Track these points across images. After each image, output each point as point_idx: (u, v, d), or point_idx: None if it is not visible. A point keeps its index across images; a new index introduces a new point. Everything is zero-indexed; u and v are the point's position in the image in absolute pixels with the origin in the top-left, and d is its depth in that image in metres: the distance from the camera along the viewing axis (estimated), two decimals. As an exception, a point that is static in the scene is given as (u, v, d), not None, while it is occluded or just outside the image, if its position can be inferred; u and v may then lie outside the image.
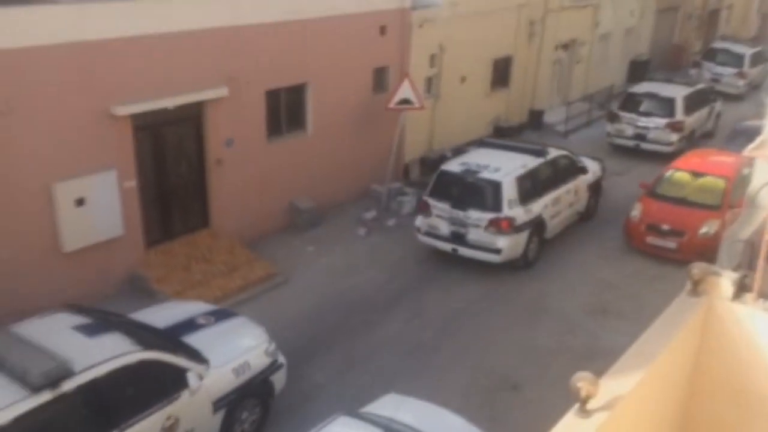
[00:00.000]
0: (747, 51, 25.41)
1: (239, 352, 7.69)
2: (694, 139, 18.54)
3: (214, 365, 7.34)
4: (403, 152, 15.34)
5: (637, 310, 10.57)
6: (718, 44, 26.90)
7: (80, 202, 9.81)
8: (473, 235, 11.53)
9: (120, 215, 10.37)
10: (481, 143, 13.78)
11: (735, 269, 6.18)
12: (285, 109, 12.89)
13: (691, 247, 11.89)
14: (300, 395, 8.60)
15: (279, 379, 8.12)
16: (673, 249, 12.31)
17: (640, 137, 17.95)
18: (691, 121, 18.29)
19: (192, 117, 11.32)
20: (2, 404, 5.67)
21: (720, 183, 12.81)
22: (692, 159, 14.07)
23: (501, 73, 18.49)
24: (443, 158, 16.43)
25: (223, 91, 11.28)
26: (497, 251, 11.44)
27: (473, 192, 11.66)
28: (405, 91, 13.83)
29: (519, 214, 11.52)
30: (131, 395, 6.57)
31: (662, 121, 17.74)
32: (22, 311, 9.43)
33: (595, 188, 14.04)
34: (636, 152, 17.97)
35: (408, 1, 14.50)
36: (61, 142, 9.53)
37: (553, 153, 12.97)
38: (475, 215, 11.47)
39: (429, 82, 15.99)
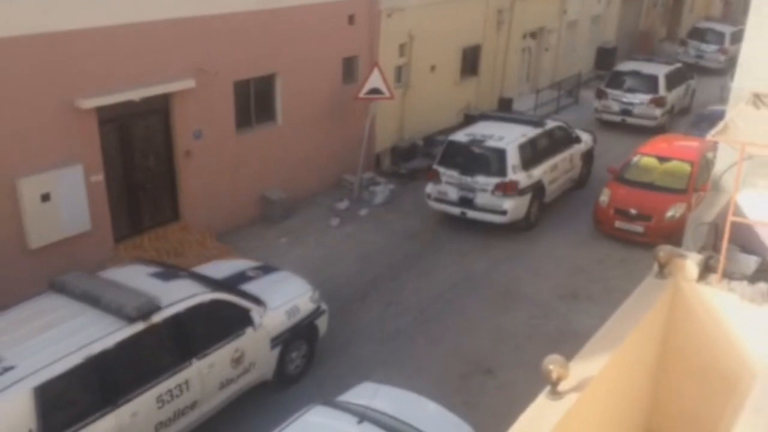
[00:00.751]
0: (728, 30, 27.23)
1: (289, 297, 8.57)
2: (674, 114, 19.90)
3: (270, 308, 8.21)
4: (374, 142, 15.33)
5: (606, 293, 10.77)
6: (702, 24, 28.98)
7: (46, 197, 9.63)
8: (480, 198, 12.57)
9: (87, 210, 10.21)
10: (482, 116, 14.90)
11: (700, 251, 6.33)
12: (254, 100, 12.78)
13: (657, 231, 12.13)
14: (277, 386, 8.60)
15: (322, 323, 9.02)
16: (641, 233, 12.54)
17: (626, 112, 19.29)
18: (672, 96, 19.59)
19: (159, 109, 11.16)
20: (105, 332, 6.61)
21: (685, 167, 13.06)
22: (658, 144, 14.31)
23: (470, 61, 18.56)
24: (414, 147, 16.52)
25: (190, 83, 11.13)
26: (503, 212, 12.51)
27: (480, 159, 12.71)
28: (375, 80, 13.81)
29: (522, 178, 12.56)
30: (206, 330, 7.47)
31: (646, 97, 19.04)
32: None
33: (587, 157, 15.15)
34: (622, 126, 19.25)
35: (376, -11, 14.46)
36: (25, 137, 9.32)
37: (550, 124, 14.20)
38: (482, 180, 12.50)
39: (399, 71, 15.98)
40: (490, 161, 12.58)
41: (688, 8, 33.23)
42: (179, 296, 7.35)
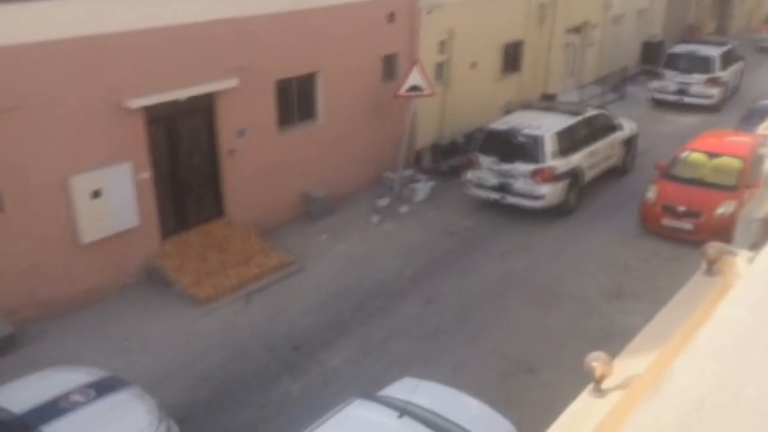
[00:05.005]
0: None
1: None
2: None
3: None
4: (414, 139, 15.33)
5: (652, 293, 10.53)
6: None
7: (96, 194, 9.92)
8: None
9: (135, 206, 10.48)
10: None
11: (751, 248, 6.14)
12: (296, 99, 12.92)
13: (707, 228, 11.80)
14: (318, 380, 8.69)
15: None
16: (689, 230, 12.22)
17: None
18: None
19: (204, 108, 11.38)
20: None
21: (736, 163, 12.67)
22: (708, 139, 13.92)
23: (512, 57, 18.37)
24: (455, 144, 16.44)
25: (233, 82, 11.31)
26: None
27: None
28: (414, 78, 13.80)
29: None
30: None
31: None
32: (41, 304, 9.62)
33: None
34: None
35: (417, -14, 14.45)
36: (76, 136, 9.62)
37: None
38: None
39: (439, 68, 15.93)
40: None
41: (739, 1, 32.20)
42: None
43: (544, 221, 13.35)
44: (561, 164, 12.98)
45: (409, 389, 6.42)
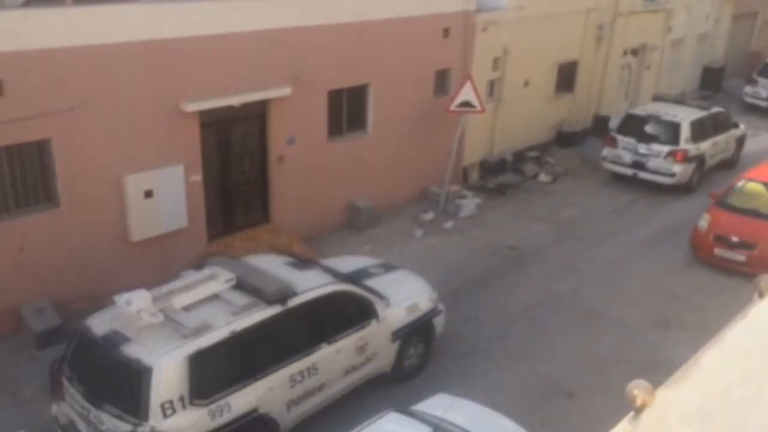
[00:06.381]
0: None
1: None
2: None
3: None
4: (462, 155, 15.27)
5: (701, 324, 10.19)
6: None
7: (149, 194, 10.18)
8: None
9: (185, 208, 10.71)
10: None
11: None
12: (346, 109, 13.04)
13: (761, 261, 11.37)
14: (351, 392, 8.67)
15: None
16: (742, 262, 11.80)
17: None
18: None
19: (256, 115, 11.58)
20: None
21: (796, 195, 12.22)
22: (766, 170, 13.45)
23: (566, 77, 18.15)
24: (503, 162, 16.33)
25: (287, 90, 11.49)
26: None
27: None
28: (466, 93, 13.76)
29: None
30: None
31: None
32: (90, 297, 9.89)
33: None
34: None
35: (473, 3, 14.43)
36: (134, 136, 9.91)
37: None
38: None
39: (491, 85, 15.86)
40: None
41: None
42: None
43: (590, 244, 13.10)
44: (692, 149, 15.30)
45: (443, 405, 6.36)
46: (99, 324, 7.00)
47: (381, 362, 8.57)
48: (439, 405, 6.52)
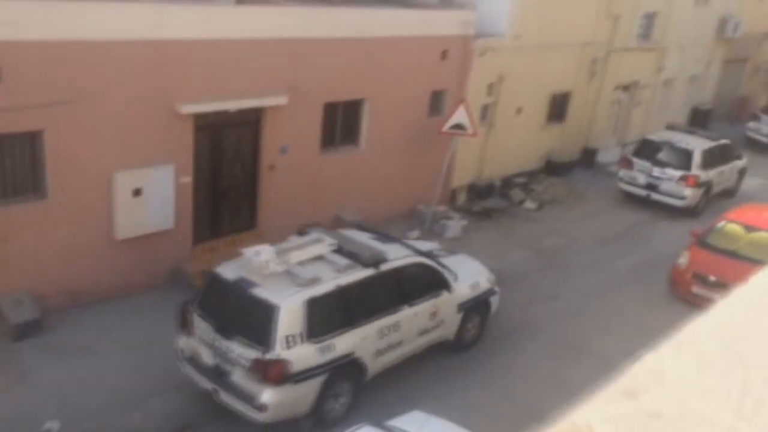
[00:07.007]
0: None
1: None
2: None
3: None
4: (452, 177, 15.41)
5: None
6: None
7: (137, 192, 10.16)
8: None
9: (173, 209, 10.70)
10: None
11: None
12: (341, 123, 13.15)
13: (738, 302, 11.55)
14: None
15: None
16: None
17: None
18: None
19: (251, 121, 11.64)
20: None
21: (774, 239, 12.46)
22: (747, 212, 13.72)
23: (558, 107, 18.44)
24: (491, 187, 16.49)
25: (283, 99, 11.58)
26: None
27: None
28: (460, 116, 13.93)
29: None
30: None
31: None
32: (70, 293, 9.83)
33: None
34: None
35: (472, 28, 14.67)
36: (126, 133, 9.91)
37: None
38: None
39: (485, 110, 16.07)
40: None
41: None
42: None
43: (572, 272, 13.23)
44: (702, 175, 16.46)
45: (418, 423, 6.40)
46: (228, 271, 8.18)
47: (447, 330, 9.73)
48: (413, 422, 6.55)
